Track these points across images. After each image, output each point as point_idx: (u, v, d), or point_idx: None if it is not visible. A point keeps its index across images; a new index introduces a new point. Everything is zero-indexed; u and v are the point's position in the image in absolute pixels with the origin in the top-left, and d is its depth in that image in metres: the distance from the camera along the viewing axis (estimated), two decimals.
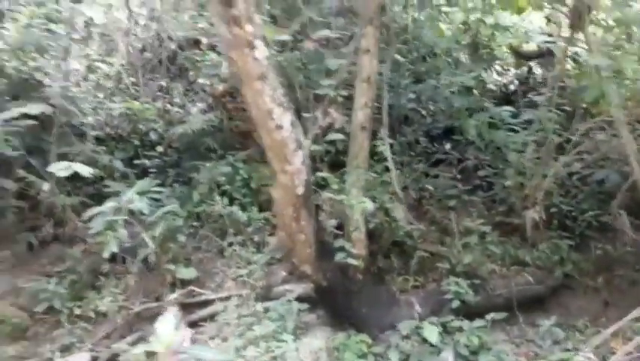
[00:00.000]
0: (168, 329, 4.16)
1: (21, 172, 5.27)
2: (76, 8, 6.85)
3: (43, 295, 5.01)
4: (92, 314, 5.05)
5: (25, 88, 6.42)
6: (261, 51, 3.46)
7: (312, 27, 5.06)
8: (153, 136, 7.17)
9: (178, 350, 4.11)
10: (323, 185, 4.81)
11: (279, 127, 3.68)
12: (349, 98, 4.75)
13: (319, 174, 4.61)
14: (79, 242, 5.65)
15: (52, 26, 6.61)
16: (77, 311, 5.07)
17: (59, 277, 5.21)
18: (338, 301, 4.77)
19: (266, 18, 4.37)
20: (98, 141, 6.71)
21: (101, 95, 7.63)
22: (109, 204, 4.84)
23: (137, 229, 4.97)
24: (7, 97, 6.14)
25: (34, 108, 4.77)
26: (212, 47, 7.47)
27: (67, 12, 6.69)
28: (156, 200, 5.22)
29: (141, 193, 4.82)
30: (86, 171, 4.65)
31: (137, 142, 6.94)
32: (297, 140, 3.83)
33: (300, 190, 4.02)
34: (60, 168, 4.53)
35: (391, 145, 5.46)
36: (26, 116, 5.17)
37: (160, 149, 6.81)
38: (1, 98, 5.91)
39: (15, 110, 4.63)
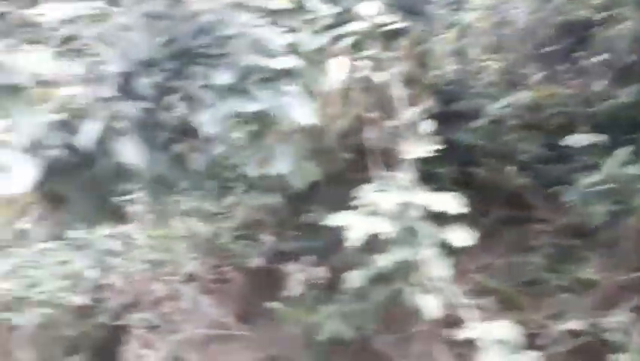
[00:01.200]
0: None
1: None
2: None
3: (527, 268, 5.48)
4: (572, 285, 5.32)
5: None
6: None
7: None
8: (560, 119, 7.27)
9: None
10: None
11: None
12: None
13: None
14: (536, 222, 6.01)
15: None
16: (556, 283, 5.41)
17: (534, 252, 5.63)
18: None
19: None
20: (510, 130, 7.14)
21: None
22: (587, 179, 5.05)
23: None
24: None
25: None
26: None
27: None
28: None
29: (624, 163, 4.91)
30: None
31: (550, 126, 7.12)
32: None
33: None
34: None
35: None
36: None
37: (582, 128, 6.83)
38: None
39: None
